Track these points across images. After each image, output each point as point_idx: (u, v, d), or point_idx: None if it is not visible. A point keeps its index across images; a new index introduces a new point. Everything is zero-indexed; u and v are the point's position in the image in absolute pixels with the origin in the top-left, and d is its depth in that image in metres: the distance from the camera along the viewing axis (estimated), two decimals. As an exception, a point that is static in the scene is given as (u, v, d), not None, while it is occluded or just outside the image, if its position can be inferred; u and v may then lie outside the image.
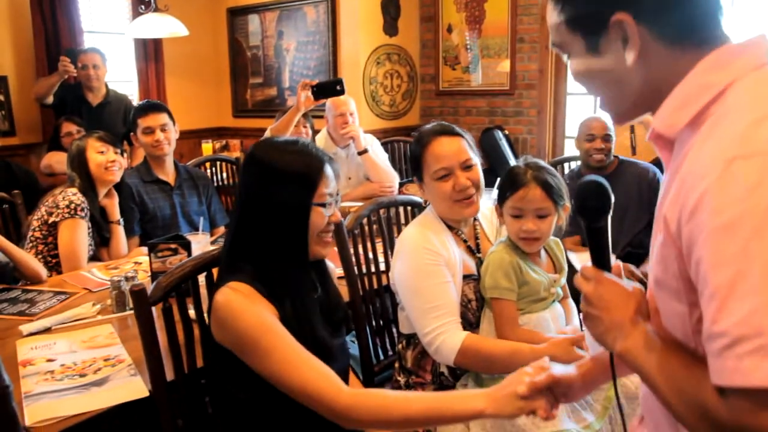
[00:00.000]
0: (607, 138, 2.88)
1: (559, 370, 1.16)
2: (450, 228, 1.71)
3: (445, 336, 1.57)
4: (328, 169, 1.35)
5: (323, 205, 1.33)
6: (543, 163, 1.68)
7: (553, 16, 0.91)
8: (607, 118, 2.95)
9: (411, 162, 1.75)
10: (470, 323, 1.66)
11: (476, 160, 1.69)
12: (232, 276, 1.27)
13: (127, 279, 1.85)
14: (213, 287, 1.33)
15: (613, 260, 0.98)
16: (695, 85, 0.80)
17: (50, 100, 4.08)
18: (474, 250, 1.75)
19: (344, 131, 3.31)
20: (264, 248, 1.30)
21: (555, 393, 1.15)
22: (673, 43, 0.82)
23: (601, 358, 1.15)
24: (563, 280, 1.72)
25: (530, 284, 1.62)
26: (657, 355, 0.81)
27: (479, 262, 1.72)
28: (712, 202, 0.69)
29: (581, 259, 0.97)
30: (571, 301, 1.77)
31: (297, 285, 1.32)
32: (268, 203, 1.30)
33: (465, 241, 1.74)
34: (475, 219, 1.78)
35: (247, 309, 1.22)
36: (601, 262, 0.95)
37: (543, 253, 1.71)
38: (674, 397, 0.78)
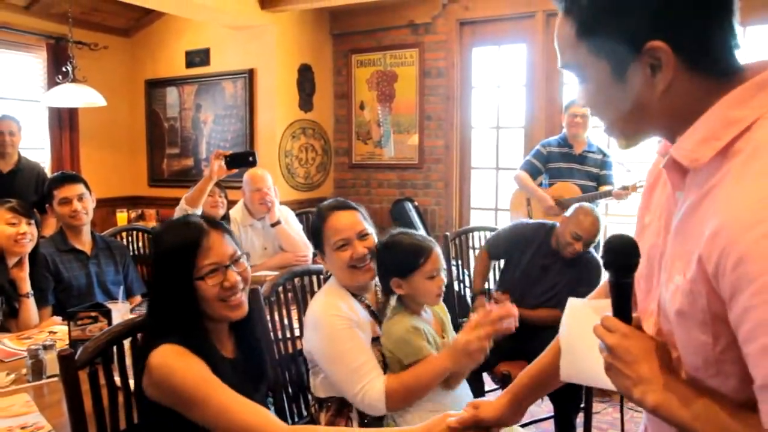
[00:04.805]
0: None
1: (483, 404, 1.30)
2: (354, 295, 1.87)
3: (367, 388, 1.69)
4: (209, 239, 1.42)
5: (202, 278, 1.40)
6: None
7: (571, 36, 0.87)
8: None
9: (312, 236, 1.92)
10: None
11: (371, 230, 1.89)
12: (162, 340, 1.36)
13: (45, 347, 1.88)
14: (139, 351, 1.41)
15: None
16: (720, 119, 0.79)
17: (-44, 165, 4.00)
18: (377, 313, 1.91)
19: (262, 203, 3.45)
20: (175, 316, 1.40)
21: (486, 424, 1.28)
22: (701, 72, 0.82)
23: (526, 381, 1.29)
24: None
25: (431, 345, 1.77)
26: (696, 407, 0.81)
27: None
28: (763, 256, 0.69)
29: (593, 309, 1.00)
30: None
31: (209, 349, 1.41)
32: (160, 278, 1.43)
33: (369, 306, 1.90)
34: (376, 285, 1.95)
35: (180, 365, 1.32)
36: (623, 314, 0.93)
37: (429, 314, 1.87)
38: None
